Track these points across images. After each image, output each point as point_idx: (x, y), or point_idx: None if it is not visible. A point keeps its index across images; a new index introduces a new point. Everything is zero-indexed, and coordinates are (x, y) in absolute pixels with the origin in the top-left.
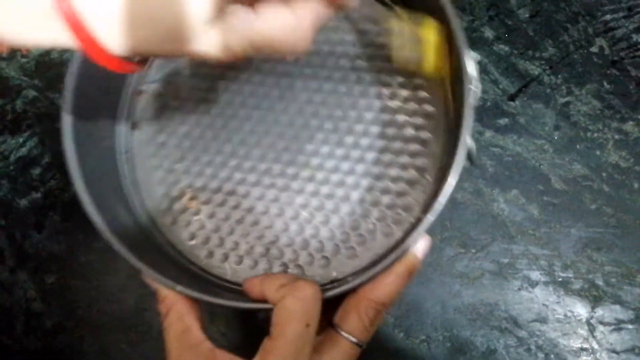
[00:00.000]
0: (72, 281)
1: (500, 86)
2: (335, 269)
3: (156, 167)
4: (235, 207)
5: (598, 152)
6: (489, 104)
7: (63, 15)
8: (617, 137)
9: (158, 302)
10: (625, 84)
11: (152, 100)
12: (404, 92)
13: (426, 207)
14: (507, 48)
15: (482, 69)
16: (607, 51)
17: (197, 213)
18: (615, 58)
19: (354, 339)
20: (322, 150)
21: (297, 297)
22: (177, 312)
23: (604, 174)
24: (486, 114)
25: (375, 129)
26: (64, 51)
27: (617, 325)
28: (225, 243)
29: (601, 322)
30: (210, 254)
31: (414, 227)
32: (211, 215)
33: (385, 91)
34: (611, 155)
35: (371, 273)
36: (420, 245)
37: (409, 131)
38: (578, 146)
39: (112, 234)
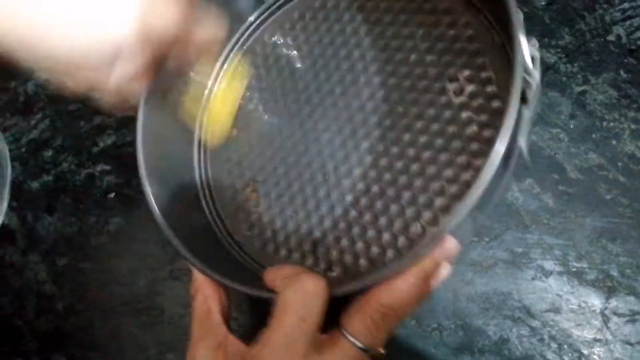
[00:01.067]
0: (83, 264)
1: None
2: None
3: (226, 159)
4: (290, 202)
5: (614, 142)
6: None
7: None
8: (633, 127)
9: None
10: None
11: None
12: (471, 87)
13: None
14: None
15: None
16: (624, 40)
17: (256, 205)
18: (633, 47)
19: (358, 343)
20: (377, 147)
21: (295, 289)
22: (203, 295)
23: (619, 164)
24: None
25: (435, 127)
26: None
27: (632, 317)
28: (277, 236)
29: (615, 313)
30: (264, 246)
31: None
32: (268, 209)
33: (450, 86)
34: (627, 145)
35: (381, 274)
36: (441, 250)
37: (472, 129)
38: (594, 135)
39: (159, 209)
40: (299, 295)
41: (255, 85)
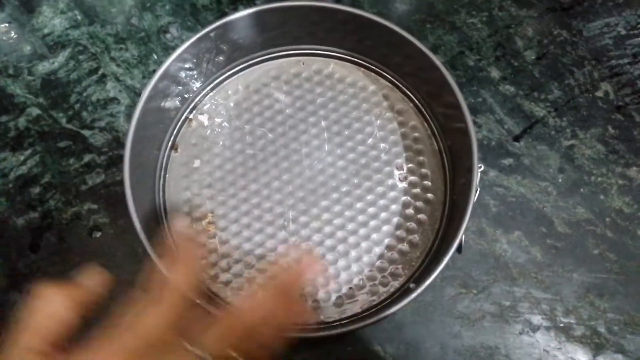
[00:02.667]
0: None
1: (505, 126)
2: (323, 314)
3: (185, 188)
4: (248, 239)
5: (602, 197)
6: (493, 143)
7: None
8: (621, 182)
9: None
10: (629, 129)
11: (196, 130)
12: (412, 177)
13: (411, 278)
14: (512, 89)
15: (488, 109)
16: (612, 96)
17: (212, 236)
18: (620, 103)
19: (188, 345)
20: (333, 208)
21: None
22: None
23: (607, 219)
24: (491, 153)
25: (382, 202)
26: (70, 70)
27: None
28: (231, 269)
29: None
30: (216, 276)
31: (396, 291)
32: (224, 242)
33: (397, 172)
34: (615, 201)
35: (353, 327)
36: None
37: (410, 211)
38: (582, 190)
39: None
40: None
41: (225, 124)
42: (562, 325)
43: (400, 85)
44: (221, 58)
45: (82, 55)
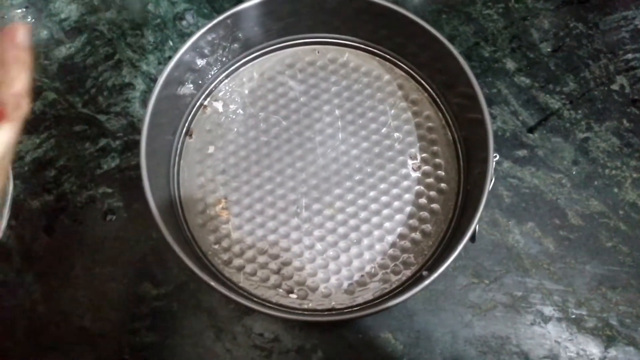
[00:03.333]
0: (75, 290)
1: (520, 118)
2: (335, 300)
3: (199, 173)
4: (261, 225)
5: (616, 190)
6: (508, 134)
7: None
8: (635, 175)
9: None
10: None
11: (211, 116)
12: (426, 167)
13: (423, 267)
14: (528, 80)
15: (503, 100)
16: (627, 89)
17: (226, 222)
18: (636, 97)
19: None
20: (346, 196)
21: None
22: None
23: (620, 212)
24: (505, 144)
25: (395, 191)
26: (86, 56)
27: None
28: (244, 254)
29: None
30: (229, 261)
31: (408, 280)
32: (238, 227)
33: (411, 162)
34: (629, 194)
35: (363, 313)
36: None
37: (423, 200)
38: (596, 182)
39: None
40: None
41: (239, 111)
42: (573, 316)
43: (415, 75)
44: (236, 45)
45: (99, 40)
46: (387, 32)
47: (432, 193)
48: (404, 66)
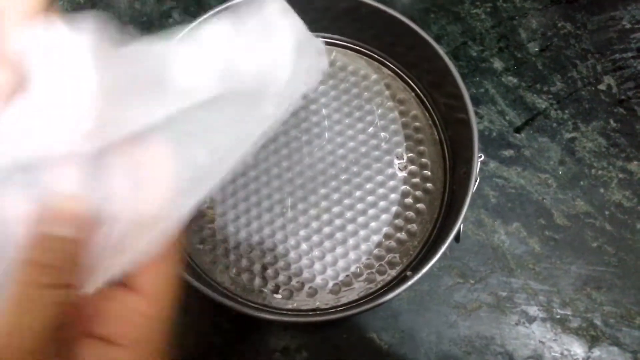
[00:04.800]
0: None
1: (507, 117)
2: (320, 300)
3: None
4: (246, 225)
5: (602, 190)
6: (495, 134)
7: None
8: (621, 176)
9: None
10: (631, 123)
11: None
12: (412, 167)
13: (408, 267)
14: (515, 80)
15: (490, 100)
16: (614, 89)
17: (211, 222)
18: (623, 97)
19: None
20: (332, 196)
21: None
22: None
23: (606, 212)
24: (492, 144)
25: (381, 191)
26: None
27: None
28: (229, 255)
29: None
30: (214, 261)
31: (393, 280)
32: (223, 227)
33: (397, 162)
34: (615, 194)
35: (348, 313)
36: None
37: (409, 200)
38: (582, 182)
39: None
40: None
41: None
42: (558, 317)
43: (403, 75)
44: None
45: None
46: (375, 32)
47: (418, 193)
48: (391, 66)
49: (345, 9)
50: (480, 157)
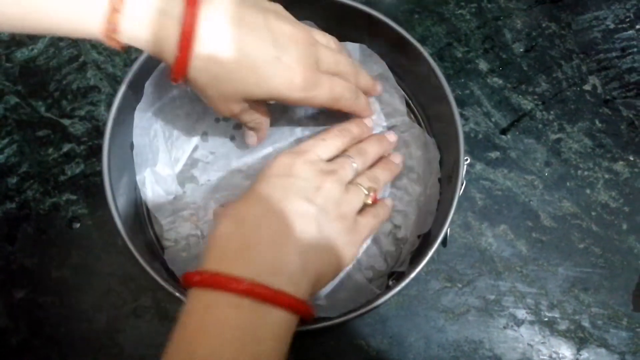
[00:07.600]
0: (42, 297)
1: (493, 119)
2: None
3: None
4: None
5: (588, 191)
6: (480, 136)
7: None
8: (607, 176)
9: None
10: (616, 123)
11: None
12: None
13: (395, 272)
14: (500, 81)
15: (475, 101)
16: (599, 90)
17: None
18: (608, 97)
19: None
20: None
21: None
22: None
23: (593, 213)
24: (478, 146)
25: None
26: (49, 58)
27: None
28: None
29: None
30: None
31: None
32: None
33: None
34: (601, 195)
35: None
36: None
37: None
38: (568, 184)
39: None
40: None
41: None
42: (546, 319)
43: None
44: None
45: (62, 42)
46: (358, 33)
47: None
48: None
49: (325, 10)
50: (467, 159)
